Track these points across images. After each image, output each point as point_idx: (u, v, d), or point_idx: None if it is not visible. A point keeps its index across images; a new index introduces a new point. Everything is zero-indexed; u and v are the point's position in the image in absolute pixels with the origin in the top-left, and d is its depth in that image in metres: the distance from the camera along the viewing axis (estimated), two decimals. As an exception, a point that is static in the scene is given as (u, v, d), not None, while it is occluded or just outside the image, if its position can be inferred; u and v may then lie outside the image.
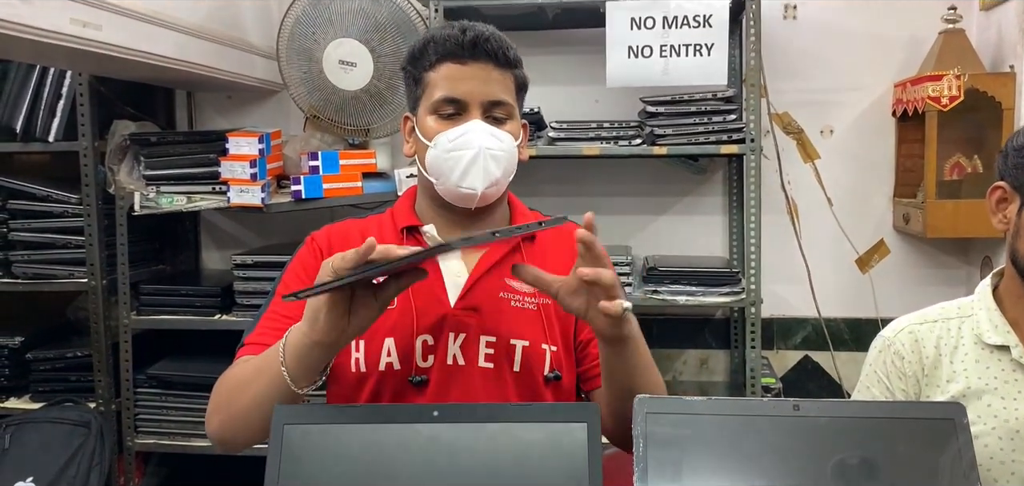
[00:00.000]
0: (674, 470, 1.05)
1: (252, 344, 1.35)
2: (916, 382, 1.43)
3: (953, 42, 2.59)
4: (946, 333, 1.43)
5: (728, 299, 2.56)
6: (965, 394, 1.37)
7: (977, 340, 1.40)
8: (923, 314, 1.48)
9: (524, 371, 1.37)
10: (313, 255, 1.42)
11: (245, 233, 3.12)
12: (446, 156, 1.35)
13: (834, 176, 2.88)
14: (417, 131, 1.40)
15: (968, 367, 1.39)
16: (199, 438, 2.71)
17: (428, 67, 1.37)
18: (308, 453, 1.06)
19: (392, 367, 1.34)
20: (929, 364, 1.42)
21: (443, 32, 1.37)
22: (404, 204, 1.48)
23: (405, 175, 2.58)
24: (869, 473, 1.04)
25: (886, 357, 1.46)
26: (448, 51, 1.36)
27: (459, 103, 1.36)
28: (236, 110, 3.09)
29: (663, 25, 2.49)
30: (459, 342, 1.36)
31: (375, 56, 2.59)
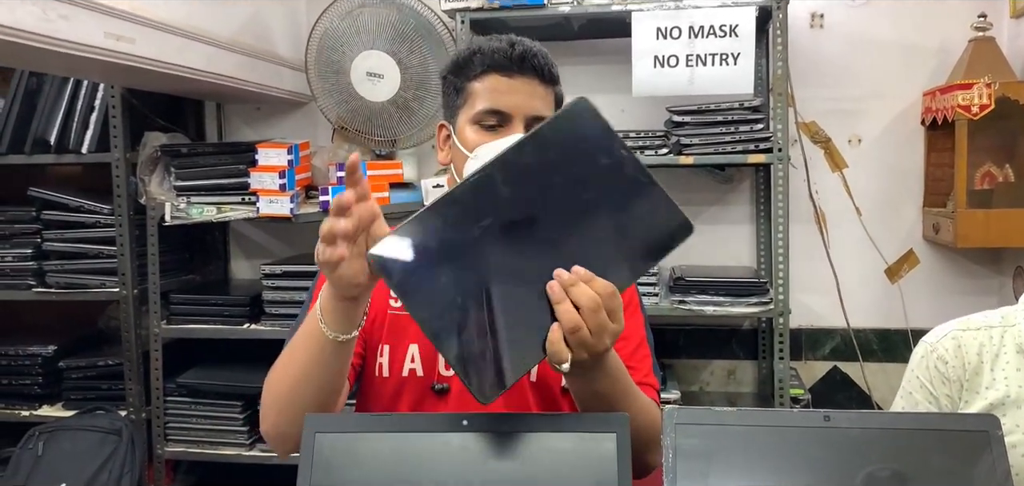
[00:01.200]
0: (703, 481, 1.05)
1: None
2: (959, 386, 1.41)
3: (983, 50, 2.56)
4: (989, 341, 1.42)
5: (756, 309, 2.55)
6: (1003, 402, 1.36)
7: (1019, 349, 1.39)
8: (967, 321, 1.46)
9: (541, 382, 1.38)
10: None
11: (274, 243, 3.15)
12: None
13: (862, 185, 2.86)
14: (455, 140, 1.40)
15: (1008, 375, 1.38)
16: (227, 446, 2.74)
17: (472, 77, 1.37)
18: (339, 462, 1.06)
19: (415, 373, 1.35)
20: (971, 370, 1.41)
21: (490, 44, 1.37)
22: None
23: (432, 185, 2.60)
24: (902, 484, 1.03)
25: (929, 362, 1.45)
26: (495, 63, 1.35)
27: (502, 115, 1.36)
28: (265, 122, 3.13)
29: (689, 35, 2.49)
30: None
31: (402, 68, 2.61)
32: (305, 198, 2.70)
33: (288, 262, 2.76)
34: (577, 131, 1.04)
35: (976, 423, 1.06)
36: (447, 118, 1.44)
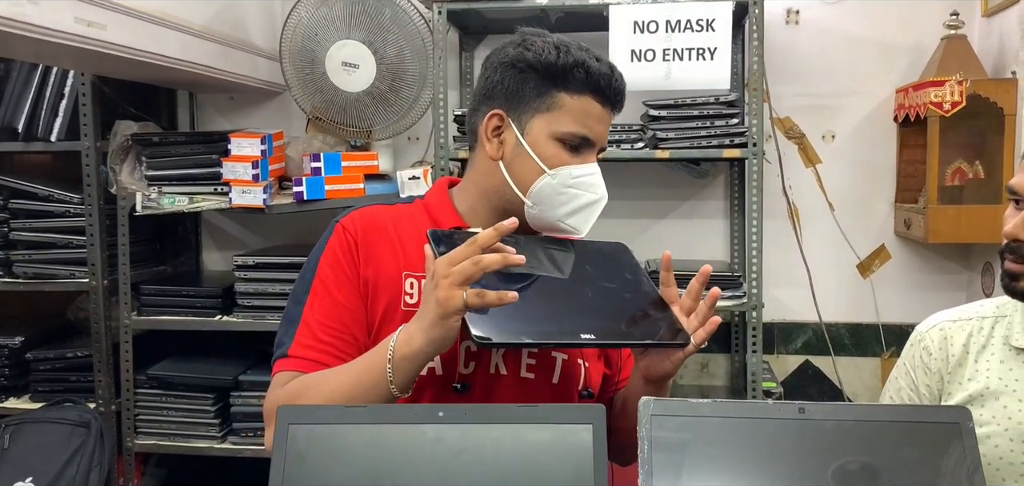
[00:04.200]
0: (679, 472, 1.05)
1: (300, 358, 1.29)
2: (940, 378, 1.43)
3: (955, 48, 2.59)
4: (978, 331, 1.43)
5: (729, 303, 2.56)
6: (983, 393, 1.37)
7: (1006, 342, 1.40)
8: (960, 311, 1.48)
9: (562, 384, 1.36)
10: (348, 245, 1.33)
11: (246, 234, 3.12)
12: (564, 190, 1.31)
13: (835, 181, 2.88)
14: (524, 144, 1.31)
15: (991, 367, 1.39)
16: (199, 439, 2.71)
17: (568, 88, 1.29)
18: (313, 453, 1.05)
19: (434, 372, 1.31)
20: (954, 362, 1.43)
21: (593, 63, 1.30)
22: (441, 200, 1.40)
23: (408, 177, 2.58)
24: (872, 477, 1.04)
25: (915, 351, 1.48)
26: (598, 87, 1.30)
27: (588, 142, 1.32)
28: (238, 111, 3.09)
29: (666, 29, 2.49)
30: (502, 352, 1.33)
31: (378, 58, 2.59)
32: (278, 189, 2.68)
33: (261, 253, 2.73)
34: (618, 255, 1.41)
35: (948, 415, 1.08)
36: (508, 110, 1.32)
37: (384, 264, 1.33)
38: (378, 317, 1.32)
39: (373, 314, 1.32)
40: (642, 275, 1.38)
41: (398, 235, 1.36)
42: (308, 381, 1.26)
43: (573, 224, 1.33)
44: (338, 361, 1.28)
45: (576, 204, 1.32)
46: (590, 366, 1.40)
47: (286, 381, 1.28)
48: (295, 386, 1.26)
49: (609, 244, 1.42)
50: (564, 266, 1.33)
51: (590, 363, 1.40)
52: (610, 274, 1.35)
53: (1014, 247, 1.32)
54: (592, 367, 1.41)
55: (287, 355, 1.30)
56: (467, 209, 1.39)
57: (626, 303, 1.31)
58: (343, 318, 1.31)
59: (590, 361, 1.41)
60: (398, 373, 1.17)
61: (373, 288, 1.32)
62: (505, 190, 1.33)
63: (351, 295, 1.32)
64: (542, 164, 1.30)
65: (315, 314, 1.31)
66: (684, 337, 1.26)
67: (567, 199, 1.31)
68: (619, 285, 1.34)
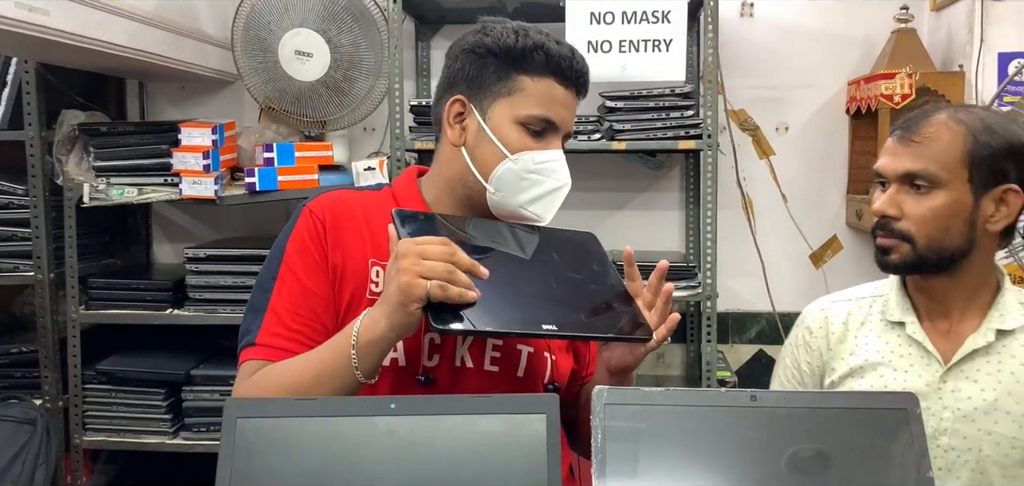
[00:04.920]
0: (632, 461, 1.05)
1: (267, 346, 1.26)
2: (820, 356, 1.53)
3: (905, 41, 2.64)
4: (857, 310, 1.52)
5: (684, 293, 2.58)
6: (863, 366, 1.45)
7: (882, 317, 1.48)
8: (844, 293, 1.57)
9: (527, 377, 1.35)
10: (316, 230, 1.30)
11: (198, 226, 3.07)
12: (526, 175, 1.30)
13: (789, 173, 2.91)
14: (486, 130, 1.30)
15: (870, 341, 1.47)
16: (149, 434, 2.66)
17: (529, 71, 1.28)
18: (262, 448, 1.03)
19: (397, 363, 1.29)
20: (835, 339, 1.51)
21: (552, 45, 1.29)
22: (409, 187, 1.39)
23: (363, 167, 2.56)
24: (825, 462, 1.05)
25: (799, 332, 1.57)
26: (558, 69, 1.29)
27: (552, 126, 1.31)
28: (190, 101, 3.03)
29: (622, 20, 2.50)
30: (467, 344, 1.32)
31: (332, 46, 2.56)
32: (230, 180, 2.64)
33: (212, 246, 2.69)
34: (586, 245, 1.39)
35: (896, 401, 1.09)
36: (469, 96, 1.31)
37: (351, 250, 1.31)
38: (344, 304, 1.29)
39: (339, 301, 1.30)
40: (609, 267, 1.37)
41: (366, 221, 1.34)
42: (273, 369, 1.23)
43: (536, 211, 1.32)
44: (308, 349, 1.24)
45: (539, 190, 1.31)
46: (557, 359, 1.39)
47: (253, 370, 1.25)
48: (261, 376, 1.23)
49: (578, 233, 1.41)
50: (531, 253, 1.32)
51: (558, 356, 1.39)
52: (577, 264, 1.34)
53: (883, 223, 1.41)
54: (560, 360, 1.40)
55: (254, 344, 1.26)
56: (433, 197, 1.37)
57: (591, 294, 1.30)
58: (312, 304, 1.28)
59: (557, 354, 1.40)
60: (363, 358, 1.15)
61: (341, 273, 1.30)
62: (468, 177, 1.32)
63: (320, 280, 1.29)
64: (504, 149, 1.29)
65: (283, 301, 1.28)
66: (645, 332, 1.26)
67: (529, 185, 1.30)
68: (585, 276, 1.33)
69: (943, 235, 1.37)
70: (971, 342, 1.40)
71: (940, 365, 1.41)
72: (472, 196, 1.33)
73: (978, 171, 1.36)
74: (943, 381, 1.40)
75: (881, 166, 1.43)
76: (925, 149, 1.37)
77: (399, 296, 1.11)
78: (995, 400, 1.37)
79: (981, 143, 1.36)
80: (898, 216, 1.39)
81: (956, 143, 1.36)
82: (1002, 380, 1.38)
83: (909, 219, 1.38)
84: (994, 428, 1.37)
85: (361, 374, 1.16)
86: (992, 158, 1.36)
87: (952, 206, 1.36)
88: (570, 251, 1.36)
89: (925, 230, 1.37)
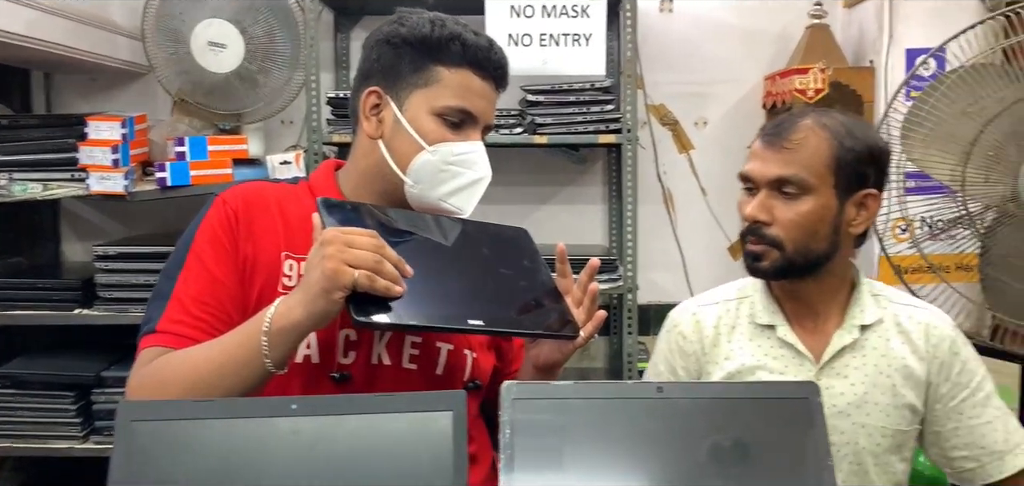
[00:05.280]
0: (541, 456, 1.04)
1: (168, 332, 1.21)
2: (697, 360, 1.53)
3: (819, 37, 2.70)
4: (726, 313, 1.54)
5: (606, 286, 2.59)
6: (741, 370, 1.47)
7: (751, 320, 1.51)
8: (709, 295, 1.59)
9: (447, 375, 1.33)
10: (227, 219, 1.27)
11: (109, 223, 2.96)
12: (444, 167, 1.28)
13: (708, 166, 2.96)
14: (403, 121, 1.28)
15: (743, 346, 1.50)
16: (59, 439, 2.55)
17: (443, 62, 1.27)
18: (158, 451, 0.99)
19: (310, 360, 1.25)
20: (709, 343, 1.52)
21: (468, 35, 1.28)
22: (326, 180, 1.37)
23: (278, 161, 2.50)
24: (734, 451, 1.06)
25: (672, 337, 1.58)
26: (475, 59, 1.28)
27: (470, 117, 1.29)
28: (100, 93, 2.93)
29: (542, 14, 2.50)
30: (384, 341, 1.29)
31: (246, 37, 2.50)
32: (141, 175, 2.55)
33: (123, 243, 2.59)
34: (518, 240, 1.38)
35: (797, 390, 1.11)
36: (385, 87, 1.30)
37: (264, 242, 1.28)
38: (254, 297, 1.25)
39: (249, 294, 1.26)
40: (541, 263, 1.36)
41: (281, 213, 1.31)
42: (174, 357, 1.18)
43: (456, 204, 1.31)
44: (211, 338, 1.20)
45: (458, 182, 1.30)
46: (479, 356, 1.38)
47: (152, 358, 1.20)
48: (160, 363, 1.18)
49: (510, 229, 1.40)
50: (460, 247, 1.30)
51: (478, 354, 1.38)
52: (508, 260, 1.33)
53: (754, 228, 1.42)
54: (481, 357, 1.38)
55: (155, 331, 1.22)
56: (351, 191, 1.35)
57: (520, 291, 1.29)
58: (219, 294, 1.24)
59: (479, 351, 1.38)
60: (274, 346, 1.11)
61: (251, 266, 1.26)
62: (385, 169, 1.30)
63: (229, 271, 1.25)
64: (421, 140, 1.27)
65: (188, 288, 1.23)
66: (572, 329, 1.25)
67: (449, 177, 1.29)
68: (515, 272, 1.32)
69: (811, 239, 1.40)
70: (838, 340, 1.45)
71: (813, 364, 1.45)
72: (390, 189, 1.31)
73: (843, 176, 1.40)
74: (817, 380, 1.43)
75: (750, 171, 1.44)
76: (795, 155, 1.39)
77: (323, 283, 1.08)
78: (865, 393, 1.43)
79: (846, 148, 1.39)
80: (769, 222, 1.41)
81: (823, 148, 1.39)
82: (868, 373, 1.44)
83: (779, 224, 1.40)
84: (867, 420, 1.43)
85: (271, 363, 1.12)
86: (856, 162, 1.40)
87: (820, 211, 1.39)
88: (501, 246, 1.35)
89: (794, 235, 1.40)
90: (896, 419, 1.43)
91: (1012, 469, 1.43)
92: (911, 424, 1.45)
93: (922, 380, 1.45)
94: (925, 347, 1.45)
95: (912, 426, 1.45)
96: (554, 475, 1.03)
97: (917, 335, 1.46)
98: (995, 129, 1.68)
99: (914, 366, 1.44)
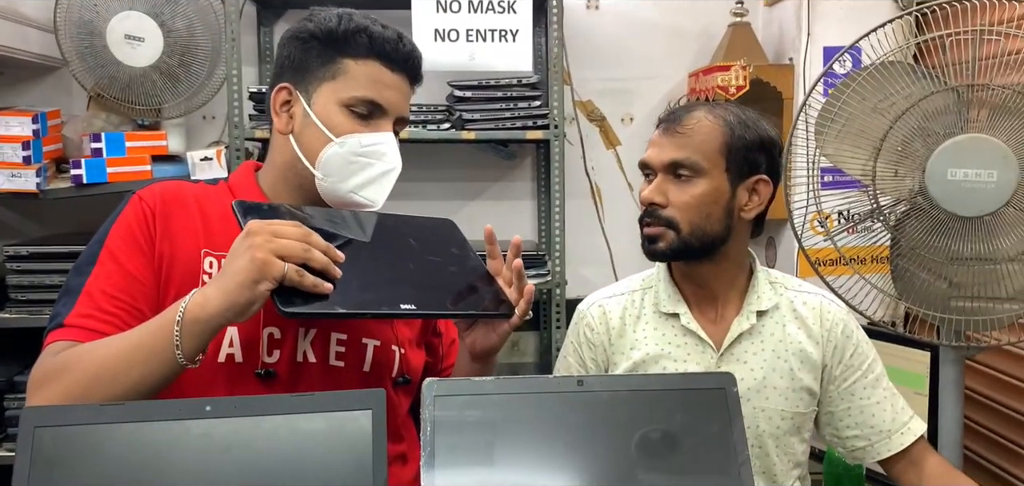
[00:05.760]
0: (462, 452, 1.04)
1: (77, 327, 1.17)
2: (604, 351, 1.57)
3: (740, 35, 2.75)
4: (631, 304, 1.58)
5: (535, 281, 2.61)
6: (646, 359, 1.51)
7: (655, 309, 1.56)
8: (613, 288, 1.64)
9: (374, 372, 1.32)
10: (144, 216, 1.25)
11: (21, 222, 2.85)
12: (353, 159, 1.27)
13: (634, 162, 2.93)
14: (312, 115, 1.28)
15: (648, 335, 1.54)
16: (-34, 448, 2.46)
17: (353, 54, 1.28)
18: (64, 458, 0.96)
19: (233, 359, 1.23)
20: (615, 334, 1.56)
21: (376, 28, 1.29)
22: (245, 179, 1.36)
23: (199, 158, 2.45)
24: (653, 441, 1.08)
25: (579, 329, 1.61)
26: (383, 51, 1.28)
27: (379, 109, 1.29)
28: (9, 88, 2.81)
29: (469, 9, 2.49)
30: (310, 338, 1.28)
31: (165, 31, 2.43)
32: (55, 172, 2.47)
33: (36, 243, 2.50)
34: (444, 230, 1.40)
35: (714, 381, 1.13)
36: (295, 83, 1.31)
37: (182, 240, 1.25)
38: (171, 296, 1.22)
39: (165, 292, 1.23)
40: (469, 250, 1.37)
41: (201, 212, 1.29)
42: (81, 349, 1.14)
43: (367, 196, 1.30)
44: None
45: (368, 174, 1.29)
46: (407, 353, 1.37)
47: (58, 351, 1.15)
48: (65, 355, 1.14)
49: (435, 220, 1.41)
50: (386, 240, 1.29)
51: (407, 349, 1.37)
52: (435, 248, 1.34)
53: (651, 211, 1.49)
54: (410, 353, 1.38)
55: (62, 325, 1.18)
56: (269, 188, 1.34)
57: (451, 276, 1.30)
58: (132, 290, 1.21)
59: (407, 347, 1.38)
60: (187, 337, 1.08)
61: (168, 264, 1.23)
62: (297, 164, 1.30)
63: (143, 268, 1.22)
64: (328, 132, 1.27)
65: (99, 283, 1.20)
66: (508, 308, 1.27)
67: (358, 168, 1.29)
68: (444, 259, 1.33)
69: (705, 221, 1.46)
70: (736, 326, 1.50)
71: (714, 352, 1.50)
72: (305, 185, 1.31)
73: (734, 161, 1.46)
74: (718, 367, 1.49)
75: (648, 158, 1.50)
76: (688, 140, 1.45)
77: (250, 273, 1.06)
78: (764, 378, 1.48)
79: (736, 135, 1.46)
80: (664, 204, 1.46)
81: (714, 134, 1.46)
82: (767, 359, 1.49)
83: (674, 206, 1.46)
84: (766, 404, 1.48)
85: (181, 355, 1.09)
86: (746, 149, 1.47)
87: (712, 193, 1.45)
88: (428, 236, 1.36)
89: (688, 216, 1.45)
90: (794, 402, 1.48)
91: (898, 447, 1.50)
92: (809, 406, 1.51)
93: (817, 363, 1.50)
94: (820, 331, 1.52)
95: (809, 408, 1.51)
96: (476, 470, 1.04)
97: (812, 319, 1.52)
98: (903, 125, 1.73)
99: (810, 350, 1.50)
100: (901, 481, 1.52)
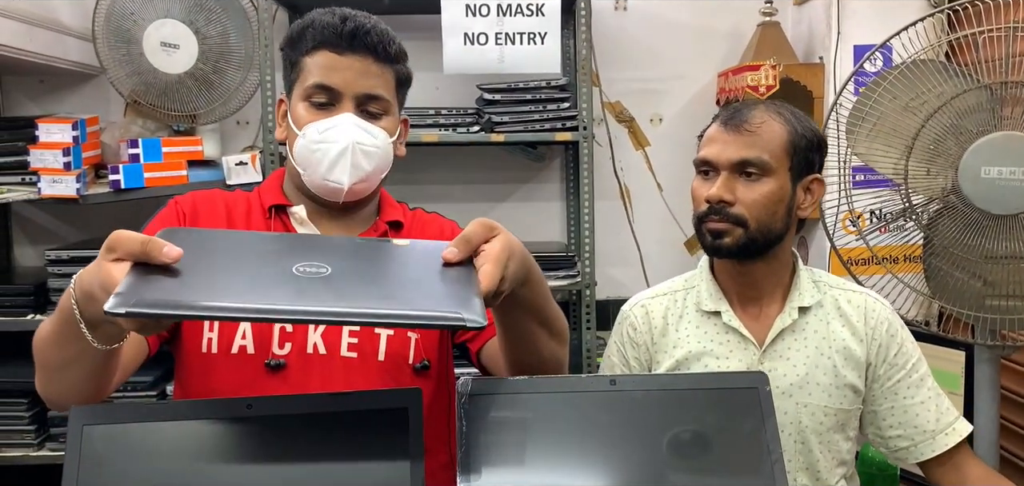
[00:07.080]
0: (499, 451, 1.06)
1: None
2: (647, 350, 1.58)
3: (770, 34, 2.74)
4: (673, 304, 1.59)
5: (565, 282, 2.62)
6: (688, 357, 1.53)
7: (697, 308, 1.56)
8: (657, 289, 1.64)
9: (389, 361, 1.34)
10: (177, 217, 1.35)
11: (61, 227, 2.92)
12: (314, 147, 1.32)
13: (663, 162, 2.99)
14: (289, 118, 1.37)
15: (690, 333, 1.55)
16: (12, 447, 2.52)
17: (305, 52, 1.34)
18: (112, 455, 0.99)
19: (246, 350, 1.28)
20: (657, 333, 1.57)
21: (323, 18, 1.33)
22: (272, 184, 1.44)
23: (234, 162, 2.49)
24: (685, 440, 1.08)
25: (623, 329, 1.62)
26: (326, 39, 1.32)
27: (332, 93, 1.32)
28: (50, 95, 2.88)
29: (498, 13, 2.51)
30: (321, 331, 1.32)
31: (200, 38, 2.48)
32: (94, 178, 2.52)
33: (76, 247, 2.56)
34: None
35: (746, 380, 1.13)
36: (287, 93, 1.40)
37: None
38: None
39: None
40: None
41: (227, 215, 1.38)
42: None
43: (335, 178, 1.33)
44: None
45: (328, 158, 1.32)
46: (420, 336, 1.38)
47: None
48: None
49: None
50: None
51: (420, 333, 1.38)
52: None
53: (718, 208, 1.47)
54: (423, 336, 1.38)
55: None
56: (289, 192, 1.43)
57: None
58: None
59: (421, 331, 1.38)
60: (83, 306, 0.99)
61: None
62: (292, 167, 1.38)
63: None
64: (296, 129, 1.34)
65: None
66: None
67: (320, 155, 1.33)
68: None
69: (771, 219, 1.46)
70: (779, 323, 1.51)
71: (756, 348, 1.51)
72: (302, 185, 1.38)
73: (796, 160, 1.47)
74: (760, 363, 1.49)
75: (710, 155, 1.50)
76: (757, 138, 1.46)
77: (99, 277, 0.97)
78: (806, 374, 1.49)
79: (799, 134, 1.47)
80: (732, 201, 1.46)
81: (781, 133, 1.47)
82: (809, 355, 1.50)
83: (742, 204, 1.46)
84: (808, 400, 1.48)
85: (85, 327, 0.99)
86: (806, 148, 1.48)
87: (778, 192, 1.46)
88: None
89: (757, 214, 1.45)
90: (838, 398, 1.49)
91: (942, 448, 1.49)
92: (853, 403, 1.51)
93: (862, 360, 1.51)
94: (864, 329, 1.52)
95: (854, 406, 1.51)
96: (510, 470, 1.05)
97: (856, 318, 1.52)
98: (936, 123, 1.72)
99: (854, 347, 1.50)
100: (942, 484, 1.51)
